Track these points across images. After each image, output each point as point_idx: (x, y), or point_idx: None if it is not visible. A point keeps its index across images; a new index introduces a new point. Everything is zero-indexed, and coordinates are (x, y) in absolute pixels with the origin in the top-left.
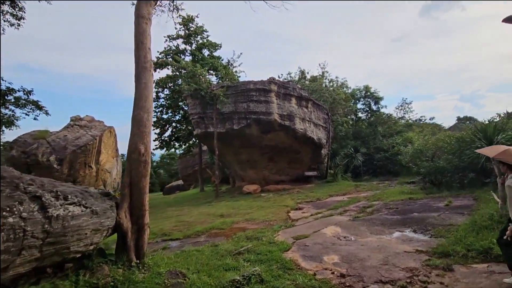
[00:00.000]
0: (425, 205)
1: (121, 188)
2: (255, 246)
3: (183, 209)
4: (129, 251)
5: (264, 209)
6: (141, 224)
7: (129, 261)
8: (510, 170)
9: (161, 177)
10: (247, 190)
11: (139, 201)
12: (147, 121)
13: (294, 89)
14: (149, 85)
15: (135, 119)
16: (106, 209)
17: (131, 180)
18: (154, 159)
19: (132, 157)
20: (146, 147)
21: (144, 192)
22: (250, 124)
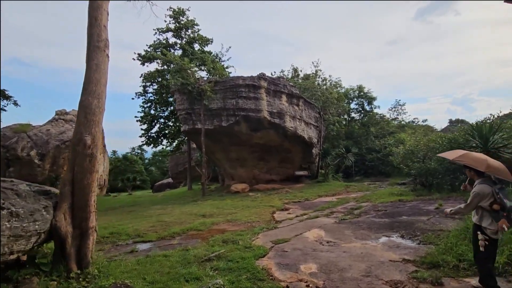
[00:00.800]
0: (414, 208)
1: (61, 186)
2: (228, 252)
3: (166, 208)
4: (69, 259)
5: (249, 209)
6: (85, 227)
7: (67, 271)
8: (476, 175)
9: (153, 174)
10: (235, 189)
11: (83, 201)
12: (97, 108)
13: (285, 86)
14: (102, 67)
15: (82, 105)
16: (34, 210)
17: (73, 177)
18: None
19: (76, 149)
20: (94, 139)
21: (90, 190)
22: (239, 121)
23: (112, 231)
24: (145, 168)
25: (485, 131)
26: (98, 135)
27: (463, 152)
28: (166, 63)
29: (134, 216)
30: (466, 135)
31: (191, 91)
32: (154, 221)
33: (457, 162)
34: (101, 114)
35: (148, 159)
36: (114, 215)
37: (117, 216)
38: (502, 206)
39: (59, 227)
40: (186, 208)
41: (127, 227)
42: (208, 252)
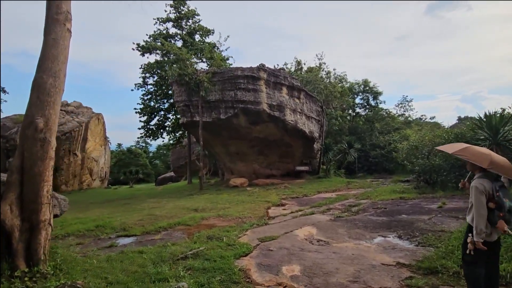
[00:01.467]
0: (416, 206)
1: (8, 174)
2: (208, 249)
3: (161, 201)
4: (15, 256)
5: (244, 204)
6: (36, 221)
7: (12, 270)
8: (478, 170)
9: (158, 168)
10: (234, 184)
11: (33, 191)
12: (52, 87)
13: (286, 78)
14: (61, 43)
15: (35, 84)
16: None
17: (22, 164)
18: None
19: (25, 133)
20: (48, 122)
21: (42, 179)
22: (237, 114)
23: (98, 224)
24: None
25: (495, 121)
26: (53, 118)
27: (465, 146)
28: (165, 54)
29: (126, 209)
30: (474, 128)
31: (188, 82)
32: (144, 214)
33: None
34: (58, 94)
35: (153, 153)
36: (108, 208)
37: (111, 208)
38: (499, 205)
39: (4, 219)
40: (180, 202)
41: (115, 220)
42: (187, 249)
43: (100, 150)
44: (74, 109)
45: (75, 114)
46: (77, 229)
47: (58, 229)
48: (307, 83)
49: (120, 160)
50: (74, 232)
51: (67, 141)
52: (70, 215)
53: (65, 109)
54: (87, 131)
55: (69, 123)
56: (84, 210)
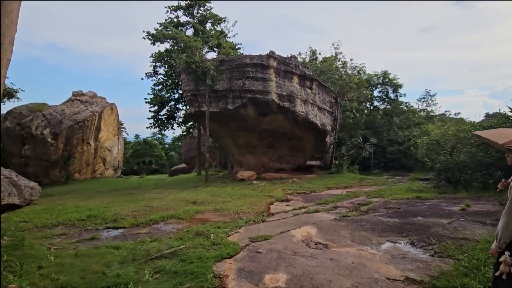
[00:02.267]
0: (434, 208)
1: None
2: (190, 248)
3: (163, 193)
4: None
5: (246, 198)
6: None
7: None
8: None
9: (173, 159)
10: (241, 177)
11: None
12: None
13: (297, 67)
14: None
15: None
16: None
17: None
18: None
19: None
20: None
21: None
22: (245, 104)
23: (92, 214)
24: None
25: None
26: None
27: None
28: (176, 43)
29: (127, 199)
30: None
31: (195, 71)
32: (141, 205)
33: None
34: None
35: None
36: (111, 197)
37: (113, 198)
38: None
39: None
40: (182, 194)
41: (110, 210)
42: (166, 246)
43: (113, 139)
44: (89, 98)
45: (89, 104)
46: (69, 218)
47: (53, 217)
48: (321, 73)
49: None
50: (66, 221)
51: (80, 130)
52: (72, 203)
53: (80, 99)
54: (100, 120)
55: (83, 112)
56: (87, 198)
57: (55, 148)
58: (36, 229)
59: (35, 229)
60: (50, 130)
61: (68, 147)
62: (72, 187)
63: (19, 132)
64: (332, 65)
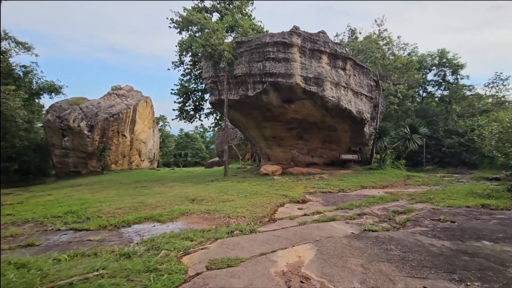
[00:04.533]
0: (510, 224)
1: None
2: (111, 274)
3: (173, 187)
4: None
5: (254, 197)
6: None
7: None
8: None
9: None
10: (265, 171)
11: None
12: None
13: (326, 44)
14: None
15: None
16: None
17: None
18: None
19: None
20: None
21: None
22: (267, 90)
23: (71, 210)
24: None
25: None
26: None
27: None
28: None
29: (132, 193)
30: None
31: (212, 55)
32: (136, 201)
33: None
34: None
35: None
36: (120, 189)
37: (121, 191)
38: None
39: None
40: (189, 189)
41: (96, 206)
42: (78, 270)
43: (149, 132)
44: (125, 92)
45: (125, 97)
46: (45, 214)
47: (38, 212)
48: (358, 52)
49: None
50: (39, 217)
51: (115, 123)
52: (79, 195)
53: (117, 93)
54: (135, 113)
55: (118, 105)
56: (100, 191)
57: (91, 139)
58: (3, 227)
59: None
60: (86, 122)
61: (104, 139)
62: (102, 177)
63: (59, 125)
64: (372, 43)
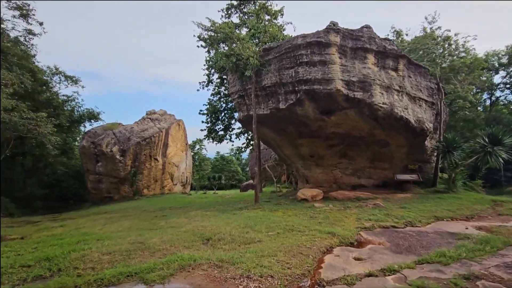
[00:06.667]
0: None
1: None
2: None
3: (194, 217)
4: None
5: (289, 236)
6: None
7: None
8: None
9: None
10: (302, 196)
11: None
12: None
13: (372, 40)
14: None
15: None
16: None
17: None
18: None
19: None
20: None
21: None
22: (301, 100)
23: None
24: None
25: None
26: None
27: None
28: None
29: (146, 225)
30: None
31: (237, 65)
32: (138, 240)
33: None
34: None
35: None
36: (137, 220)
37: (136, 221)
38: None
39: None
40: (209, 221)
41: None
42: None
43: (181, 155)
44: (159, 116)
45: (158, 121)
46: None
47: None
48: (409, 52)
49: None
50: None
51: (147, 146)
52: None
53: (150, 117)
54: (168, 136)
55: (150, 129)
56: (114, 221)
57: (123, 164)
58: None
59: None
60: (118, 147)
61: (136, 163)
62: (131, 204)
63: (93, 150)
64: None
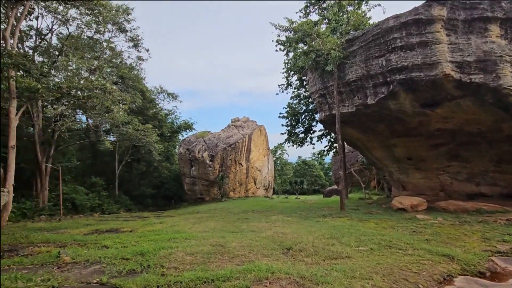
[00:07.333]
0: None
1: None
2: None
3: (275, 222)
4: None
5: (386, 253)
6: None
7: None
8: None
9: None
10: (399, 205)
11: None
12: None
13: (495, 5)
14: None
15: None
16: None
17: None
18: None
19: None
20: None
21: None
22: (394, 92)
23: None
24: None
25: None
26: None
27: None
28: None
29: (229, 227)
30: None
31: (317, 61)
32: (218, 243)
33: None
34: None
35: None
36: (222, 221)
37: (221, 223)
38: None
39: None
40: (290, 228)
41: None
42: None
43: (263, 160)
44: (242, 123)
45: (241, 128)
46: (119, 254)
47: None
48: None
49: (296, 171)
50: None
51: (232, 152)
52: (182, 225)
53: (235, 124)
54: (250, 142)
55: (235, 136)
56: (203, 221)
57: (212, 168)
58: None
59: None
60: (208, 153)
61: (223, 167)
62: (219, 205)
63: (188, 156)
64: None
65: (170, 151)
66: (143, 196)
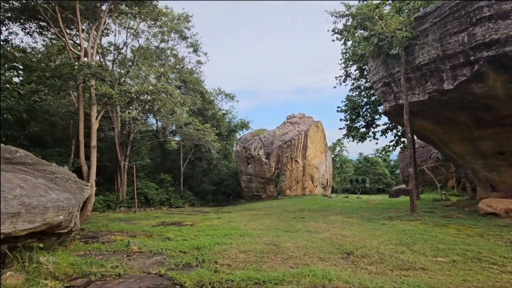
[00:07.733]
0: None
1: None
2: None
3: (333, 223)
4: None
5: (476, 269)
6: None
7: None
8: None
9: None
10: (488, 209)
11: None
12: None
13: None
14: None
15: None
16: None
17: None
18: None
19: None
20: None
21: None
22: (480, 74)
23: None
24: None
25: None
26: None
27: None
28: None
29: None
30: None
31: (380, 46)
32: (273, 242)
33: None
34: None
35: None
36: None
37: (276, 221)
38: None
39: None
40: (351, 230)
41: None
42: None
43: (321, 157)
44: (298, 119)
45: (297, 124)
46: (178, 246)
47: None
48: None
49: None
50: (170, 250)
51: (288, 149)
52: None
53: (290, 121)
54: (306, 138)
55: (290, 133)
56: (259, 218)
57: (268, 166)
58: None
59: None
60: (264, 150)
61: (279, 165)
62: (275, 203)
63: (244, 154)
64: None
65: (228, 150)
66: (204, 192)
